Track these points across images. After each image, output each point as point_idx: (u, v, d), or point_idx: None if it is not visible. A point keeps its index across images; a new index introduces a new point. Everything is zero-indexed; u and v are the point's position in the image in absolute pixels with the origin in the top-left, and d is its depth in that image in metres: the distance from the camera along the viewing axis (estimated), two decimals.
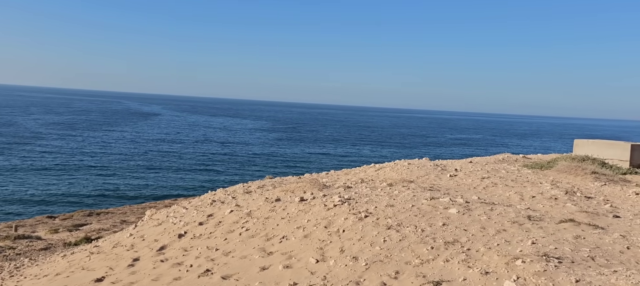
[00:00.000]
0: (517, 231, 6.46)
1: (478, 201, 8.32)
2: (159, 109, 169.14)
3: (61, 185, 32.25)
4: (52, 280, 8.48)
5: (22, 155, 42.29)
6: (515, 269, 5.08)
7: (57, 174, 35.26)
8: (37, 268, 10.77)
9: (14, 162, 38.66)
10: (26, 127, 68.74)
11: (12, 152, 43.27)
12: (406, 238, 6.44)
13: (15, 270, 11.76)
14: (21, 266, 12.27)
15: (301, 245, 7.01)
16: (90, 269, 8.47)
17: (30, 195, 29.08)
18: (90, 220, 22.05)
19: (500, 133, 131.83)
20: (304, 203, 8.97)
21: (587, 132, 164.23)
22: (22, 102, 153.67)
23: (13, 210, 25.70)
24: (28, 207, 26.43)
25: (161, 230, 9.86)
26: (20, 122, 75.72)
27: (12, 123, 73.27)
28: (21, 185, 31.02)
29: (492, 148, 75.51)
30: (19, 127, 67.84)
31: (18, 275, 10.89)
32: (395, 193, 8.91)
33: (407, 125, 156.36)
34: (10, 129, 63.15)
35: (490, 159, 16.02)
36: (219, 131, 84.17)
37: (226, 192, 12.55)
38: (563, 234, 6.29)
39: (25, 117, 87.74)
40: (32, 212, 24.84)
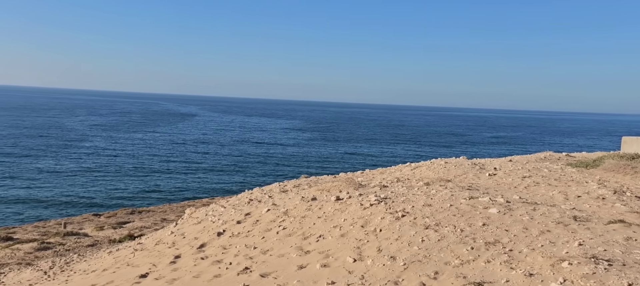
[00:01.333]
0: (562, 232, 6.23)
1: (519, 201, 8.07)
2: (195, 110, 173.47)
3: (105, 184, 33.67)
4: (100, 275, 8.87)
5: (69, 156, 44.43)
6: (562, 271, 4.89)
7: (101, 174, 36.84)
8: (85, 264, 11.29)
9: (62, 162, 40.71)
10: (72, 128, 72.16)
11: (60, 153, 45.55)
12: (445, 238, 6.34)
13: (65, 265, 12.39)
14: (71, 261, 12.91)
15: (338, 244, 7.02)
16: (134, 265, 8.81)
17: (77, 194, 30.53)
18: (132, 218, 22.91)
19: (541, 131, 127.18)
20: (340, 202, 8.98)
21: (636, 129, 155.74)
22: (67, 105, 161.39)
23: (62, 208, 27.05)
24: (75, 206, 27.76)
25: (201, 228, 10.12)
26: (67, 124, 79.57)
27: (59, 125, 77.10)
28: (69, 185, 32.60)
29: (533, 147, 72.96)
30: (66, 129, 71.29)
31: (68, 270, 11.46)
32: (433, 193, 8.78)
33: (443, 123, 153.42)
34: (57, 131, 66.47)
35: (531, 158, 15.49)
36: (254, 131, 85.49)
37: (263, 191, 12.74)
38: (612, 235, 6.01)
39: (71, 119, 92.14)
40: (80, 210, 26.07)
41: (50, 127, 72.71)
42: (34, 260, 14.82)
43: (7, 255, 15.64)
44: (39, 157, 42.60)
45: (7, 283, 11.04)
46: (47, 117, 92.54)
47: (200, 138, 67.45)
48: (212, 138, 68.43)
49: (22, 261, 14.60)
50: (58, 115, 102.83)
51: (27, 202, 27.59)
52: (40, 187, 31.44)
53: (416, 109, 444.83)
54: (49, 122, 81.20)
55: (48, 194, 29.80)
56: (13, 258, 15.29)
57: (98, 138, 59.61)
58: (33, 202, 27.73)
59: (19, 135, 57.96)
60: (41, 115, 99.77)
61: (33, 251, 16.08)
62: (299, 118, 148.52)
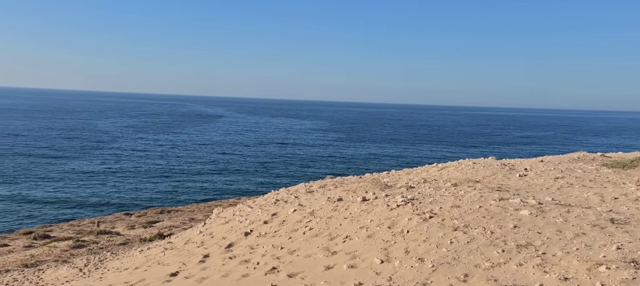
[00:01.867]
0: (598, 236, 6.02)
1: (552, 202, 7.84)
2: (222, 111, 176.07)
3: (135, 184, 34.60)
4: (132, 273, 9.11)
5: (101, 157, 45.86)
6: (599, 276, 4.73)
7: (131, 174, 37.88)
8: (118, 262, 11.61)
9: (95, 163, 42.08)
10: (104, 130, 74.41)
11: (93, 155, 47.07)
12: (474, 240, 6.22)
13: (99, 263, 12.78)
14: (104, 259, 13.30)
15: (365, 245, 6.99)
16: (165, 264, 9.01)
17: (108, 194, 31.47)
18: (162, 217, 23.44)
19: (573, 131, 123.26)
20: (367, 203, 8.94)
21: None
22: (99, 107, 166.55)
23: (95, 207, 27.93)
24: (107, 205, 28.62)
25: (228, 228, 10.26)
26: (99, 126, 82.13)
27: (91, 127, 79.65)
28: (101, 185, 33.65)
29: (565, 147, 70.82)
30: (98, 130, 73.58)
31: (102, 267, 11.81)
32: (461, 194, 8.63)
33: (470, 123, 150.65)
34: (90, 133, 68.67)
35: (563, 158, 15.02)
36: (279, 132, 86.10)
37: (289, 191, 12.81)
38: None
39: (103, 121, 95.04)
40: (111, 210, 26.85)
41: (84, 128, 75.20)
42: (69, 258, 15.37)
43: (45, 253, 16.28)
44: (73, 158, 44.13)
45: (46, 279, 11.46)
46: (80, 119, 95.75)
47: (227, 139, 68.42)
48: (238, 139, 69.32)
49: (58, 259, 15.16)
50: (91, 117, 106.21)
51: (62, 202, 28.60)
52: (74, 187, 32.56)
53: (441, 109, 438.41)
54: (82, 124, 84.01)
55: (81, 194, 30.82)
56: (50, 256, 15.90)
57: (128, 140, 61.28)
58: (67, 202, 28.72)
59: (54, 137, 60.21)
60: (75, 117, 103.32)
61: (69, 249, 16.68)
62: (323, 118, 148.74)
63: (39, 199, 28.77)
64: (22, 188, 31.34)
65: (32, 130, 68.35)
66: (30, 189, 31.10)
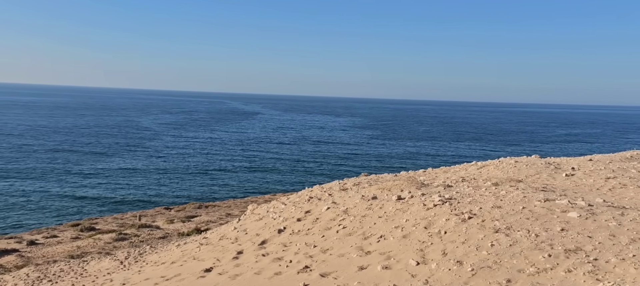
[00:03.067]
0: None
1: (604, 204, 7.31)
2: (258, 108, 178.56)
3: (175, 179, 35.64)
4: (169, 268, 9.26)
5: (143, 153, 47.53)
6: None
7: (171, 169, 39.03)
8: (156, 256, 11.88)
9: (138, 159, 43.69)
10: (147, 127, 77.04)
11: (136, 151, 48.87)
12: (517, 243, 5.87)
13: (139, 256, 13.13)
14: (144, 253, 13.66)
15: (400, 245, 6.76)
16: (200, 259, 9.10)
17: (150, 188, 32.56)
18: (199, 212, 23.94)
19: (623, 128, 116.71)
20: (402, 202, 8.68)
21: None
22: (143, 104, 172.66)
23: (137, 201, 28.96)
24: (149, 199, 29.62)
25: (262, 224, 10.26)
26: (142, 123, 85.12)
27: (134, 124, 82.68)
28: (143, 179, 34.87)
29: (615, 145, 67.11)
30: (140, 127, 76.28)
31: (141, 260, 12.12)
32: (502, 194, 8.21)
33: (511, 120, 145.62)
34: (133, 130, 71.28)
35: (614, 157, 14.11)
36: (314, 129, 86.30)
37: (322, 188, 12.70)
38: None
39: (145, 118, 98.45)
40: (153, 204, 27.75)
41: (127, 125, 78.17)
42: (112, 250, 15.92)
43: (90, 244, 16.95)
44: (117, 154, 45.94)
45: (89, 271, 11.88)
46: (123, 117, 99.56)
47: (263, 136, 69.25)
48: (274, 136, 70.00)
49: (102, 251, 15.74)
50: (134, 114, 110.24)
51: (107, 197, 29.81)
52: (119, 182, 33.88)
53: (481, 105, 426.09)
54: (125, 121, 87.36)
55: (125, 189, 32.02)
56: (95, 247, 16.54)
57: (169, 136, 63.16)
58: (112, 197, 29.92)
59: (101, 134, 62.92)
60: (119, 114, 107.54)
61: (112, 242, 17.31)
62: (358, 115, 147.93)
63: (85, 194, 30.14)
64: (71, 182, 32.93)
65: (81, 126, 71.72)
66: (78, 184, 32.63)
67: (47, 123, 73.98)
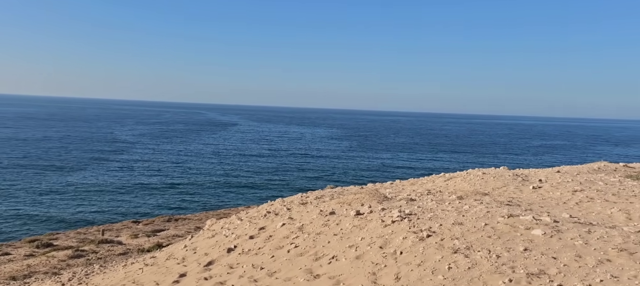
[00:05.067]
0: (626, 263, 5.04)
1: (570, 220, 6.84)
2: (236, 119, 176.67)
3: (148, 192, 34.37)
4: None
5: (116, 165, 45.76)
6: None
7: (145, 182, 37.60)
8: (100, 277, 10.91)
9: (110, 171, 42.10)
10: (121, 138, 74.71)
11: (108, 162, 47.08)
12: (477, 266, 5.30)
13: (84, 277, 12.10)
14: (90, 273, 12.62)
15: (351, 268, 6.12)
16: (139, 283, 8.25)
17: (121, 201, 31.24)
18: (168, 225, 22.79)
19: (593, 140, 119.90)
20: (360, 217, 8.05)
21: None
22: (118, 115, 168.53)
23: (108, 214, 27.69)
24: (120, 213, 28.36)
25: (213, 242, 9.48)
26: (116, 134, 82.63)
27: (108, 135, 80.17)
28: (115, 193, 33.47)
29: (584, 157, 68.54)
30: (115, 138, 73.96)
31: (85, 282, 11.13)
32: (465, 209, 7.68)
33: (486, 132, 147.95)
34: (107, 141, 69.01)
35: (582, 168, 13.88)
36: (292, 140, 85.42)
37: (283, 202, 11.99)
38: None
39: (120, 129, 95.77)
40: (124, 217, 26.49)
41: (99, 137, 75.74)
42: (64, 268, 14.75)
43: (42, 263, 15.70)
44: (87, 166, 44.18)
45: None
46: (96, 128, 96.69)
47: (239, 147, 68.07)
48: (250, 147, 68.90)
49: (51, 270, 14.55)
50: (107, 125, 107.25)
51: (73, 210, 28.37)
52: (86, 195, 32.45)
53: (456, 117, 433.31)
54: (98, 132, 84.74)
55: (93, 201, 30.70)
56: (46, 266, 15.30)
57: (143, 148, 61.33)
58: (78, 210, 28.50)
59: (68, 146, 60.61)
60: (92, 125, 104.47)
61: (66, 259, 16.09)
62: (336, 126, 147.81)
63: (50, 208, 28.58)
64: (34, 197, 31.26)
65: (50, 138, 69.07)
66: (44, 198, 30.99)
67: (13, 135, 71.06)
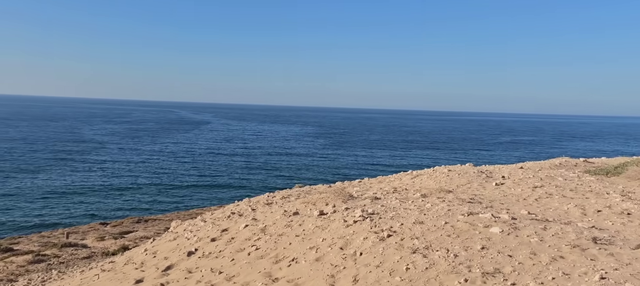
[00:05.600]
0: (578, 259, 5.09)
1: (527, 217, 6.91)
2: (209, 117, 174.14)
3: (118, 192, 33.37)
4: None
5: (85, 165, 44.19)
6: None
7: (114, 183, 36.44)
8: (56, 284, 10.46)
9: (78, 170, 40.70)
10: (90, 138, 72.36)
11: (76, 163, 45.42)
12: (434, 266, 5.25)
13: (39, 284, 11.58)
14: (47, 280, 12.09)
15: (311, 270, 5.99)
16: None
17: (88, 202, 30.23)
18: (137, 227, 22.10)
19: (559, 135, 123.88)
20: (323, 217, 7.94)
21: None
22: (86, 114, 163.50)
23: (72, 217, 26.70)
24: (86, 214, 27.44)
25: (174, 245, 9.19)
26: (84, 133, 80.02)
27: (76, 134, 77.55)
28: (82, 194, 32.33)
29: (550, 151, 70.65)
30: (83, 138, 71.59)
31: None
32: (428, 207, 7.67)
33: (458, 128, 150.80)
34: (75, 141, 66.71)
35: (544, 164, 14.17)
36: (267, 138, 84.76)
37: (250, 202, 11.77)
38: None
39: (88, 128, 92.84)
40: (92, 219, 25.62)
41: (67, 136, 73.21)
42: (22, 274, 14.07)
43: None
44: (53, 167, 42.55)
45: None
46: (63, 127, 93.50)
47: (213, 146, 67.05)
48: (224, 146, 67.97)
49: (6, 277, 13.86)
50: (75, 124, 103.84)
51: (37, 213, 27.25)
52: (52, 196, 31.26)
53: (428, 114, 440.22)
54: (65, 132, 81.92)
55: (60, 203, 29.58)
56: (2, 272, 14.56)
57: (112, 148, 59.58)
58: (44, 212, 27.40)
59: (34, 146, 58.31)
60: (59, 125, 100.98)
61: (26, 264, 15.34)
62: (311, 124, 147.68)
63: (13, 212, 27.36)
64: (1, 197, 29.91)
65: (15, 138, 66.30)
66: (6, 200, 29.64)
67: None
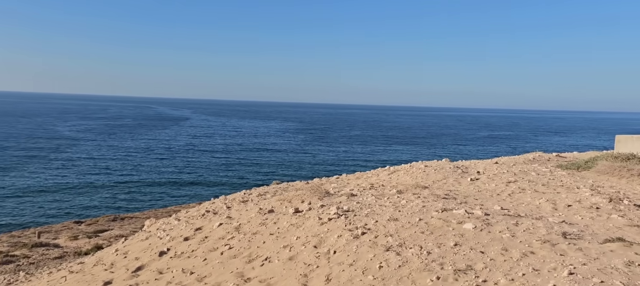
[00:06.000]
0: (548, 255, 5.13)
1: (500, 212, 6.96)
2: (188, 113, 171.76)
3: (93, 190, 32.59)
4: None
5: (59, 163, 42.93)
6: None
7: (90, 181, 35.53)
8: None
9: (52, 168, 39.54)
10: (64, 134, 70.34)
11: (50, 161, 44.08)
12: (407, 264, 5.22)
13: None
14: (14, 282, 11.66)
15: (284, 269, 5.89)
16: None
17: (62, 201, 29.42)
18: (113, 225, 21.55)
19: (534, 130, 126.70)
20: (298, 215, 7.85)
21: (629, 126, 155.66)
22: (59, 109, 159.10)
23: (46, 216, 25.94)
24: (60, 213, 26.71)
25: (146, 245, 8.95)
26: (59, 130, 77.78)
27: (50, 131, 75.29)
28: (56, 192, 31.44)
29: (525, 146, 72.15)
30: (57, 135, 69.57)
31: None
32: (402, 203, 7.66)
33: (437, 124, 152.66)
34: (48, 138, 64.72)
35: (519, 159, 14.40)
36: (247, 134, 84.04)
37: (226, 200, 11.58)
38: (610, 259, 4.92)
39: (62, 124, 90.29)
40: (66, 217, 24.96)
41: (41, 133, 71.06)
42: None
43: None
44: (26, 165, 41.23)
45: None
46: (36, 124, 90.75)
47: (192, 142, 66.11)
48: (203, 142, 67.10)
49: None
50: (48, 121, 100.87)
51: (9, 213, 26.36)
52: (26, 195, 30.34)
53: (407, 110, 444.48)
54: (39, 128, 79.51)
55: (33, 202, 28.72)
56: None
57: (87, 145, 58.09)
58: (16, 213, 26.52)
59: (4, 143, 56.39)
60: (31, 121, 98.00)
61: None
62: (291, 120, 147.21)
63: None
64: None
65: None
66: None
67: None
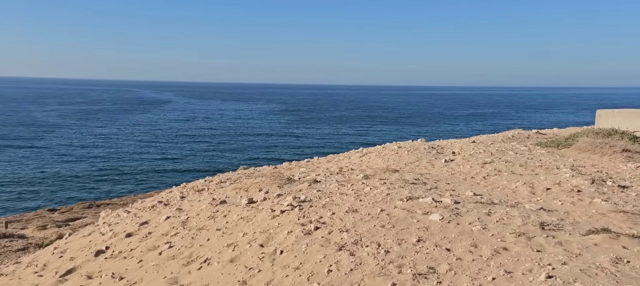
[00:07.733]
0: (523, 251, 4.39)
1: (472, 200, 6.21)
2: (171, 96, 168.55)
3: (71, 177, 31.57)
4: None
5: (36, 149, 41.45)
6: None
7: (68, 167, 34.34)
8: None
9: (28, 155, 38.30)
10: (41, 120, 67.90)
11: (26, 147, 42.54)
12: (361, 266, 4.43)
13: None
14: None
15: (221, 274, 5.06)
16: None
17: (37, 189, 28.35)
18: (87, 213, 20.48)
19: (516, 107, 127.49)
20: (251, 207, 7.01)
21: (608, 101, 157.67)
22: (36, 94, 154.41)
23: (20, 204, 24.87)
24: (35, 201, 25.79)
25: (86, 242, 8.04)
26: (35, 115, 75.12)
27: (26, 116, 72.65)
28: (32, 180, 30.41)
29: (507, 123, 72.26)
30: (35, 120, 67.19)
31: None
32: (366, 191, 6.86)
33: (421, 102, 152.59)
34: (23, 124, 62.38)
35: (497, 137, 13.74)
36: (231, 117, 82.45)
37: (182, 189, 10.69)
38: (594, 255, 4.20)
39: (40, 109, 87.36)
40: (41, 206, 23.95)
41: (17, 119, 68.55)
42: None
43: None
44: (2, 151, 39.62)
45: None
46: (11, 109, 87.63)
47: (174, 126, 64.50)
48: (186, 126, 65.56)
49: None
50: (25, 106, 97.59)
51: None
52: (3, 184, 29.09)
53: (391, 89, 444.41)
54: (15, 114, 76.75)
55: (6, 191, 27.48)
56: None
57: (66, 131, 56.18)
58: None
59: None
60: (6, 106, 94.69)
61: None
62: (276, 102, 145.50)
63: None
64: None
65: None
66: None
67: None
